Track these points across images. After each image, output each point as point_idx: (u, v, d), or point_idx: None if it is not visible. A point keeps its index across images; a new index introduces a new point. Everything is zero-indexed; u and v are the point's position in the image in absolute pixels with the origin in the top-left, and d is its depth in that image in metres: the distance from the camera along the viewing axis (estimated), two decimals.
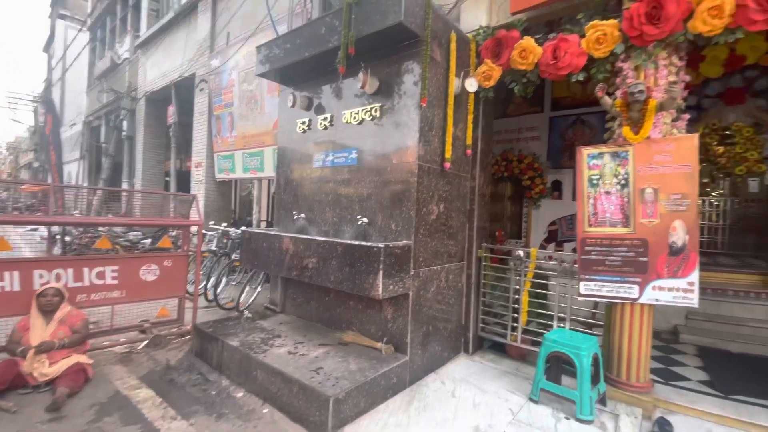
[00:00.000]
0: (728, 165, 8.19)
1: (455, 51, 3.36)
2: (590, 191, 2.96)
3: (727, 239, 7.30)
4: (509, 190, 6.56)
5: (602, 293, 2.92)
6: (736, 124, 7.56)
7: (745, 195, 7.76)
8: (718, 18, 2.50)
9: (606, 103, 2.84)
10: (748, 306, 4.54)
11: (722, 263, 6.11)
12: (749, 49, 4.57)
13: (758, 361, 3.75)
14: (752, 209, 7.32)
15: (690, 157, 2.63)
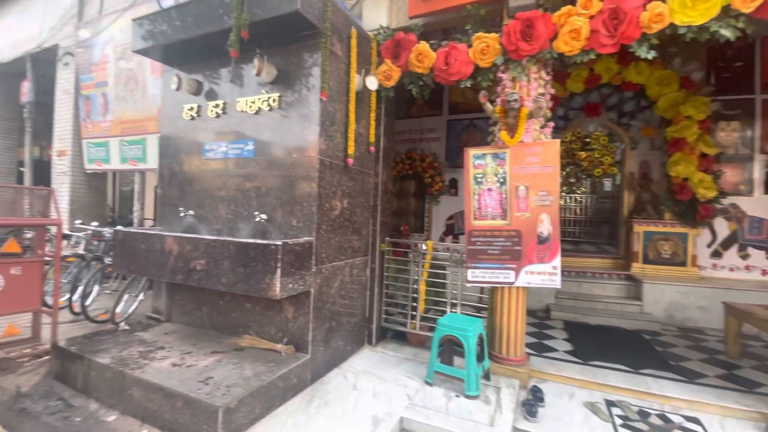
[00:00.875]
0: (589, 167, 9.86)
1: (356, 47, 3.38)
2: (475, 188, 3.25)
3: (588, 229, 8.76)
4: (413, 187, 6.89)
5: (486, 279, 3.24)
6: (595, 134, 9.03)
7: (601, 193, 9.43)
8: (576, 40, 2.93)
9: (488, 109, 3.14)
10: (602, 285, 5.50)
11: (584, 250, 7.28)
12: (604, 70, 5.49)
13: (610, 331, 4.56)
14: (606, 204, 8.92)
15: (553, 160, 3.05)
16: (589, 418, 2.71)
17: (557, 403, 2.90)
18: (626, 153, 6.00)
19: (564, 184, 10.43)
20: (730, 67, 5.40)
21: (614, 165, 8.96)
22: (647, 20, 2.69)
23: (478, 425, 2.45)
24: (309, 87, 3.04)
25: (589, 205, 9.10)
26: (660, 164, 5.60)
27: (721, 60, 5.41)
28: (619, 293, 5.31)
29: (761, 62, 5.30)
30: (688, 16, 2.63)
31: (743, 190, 5.27)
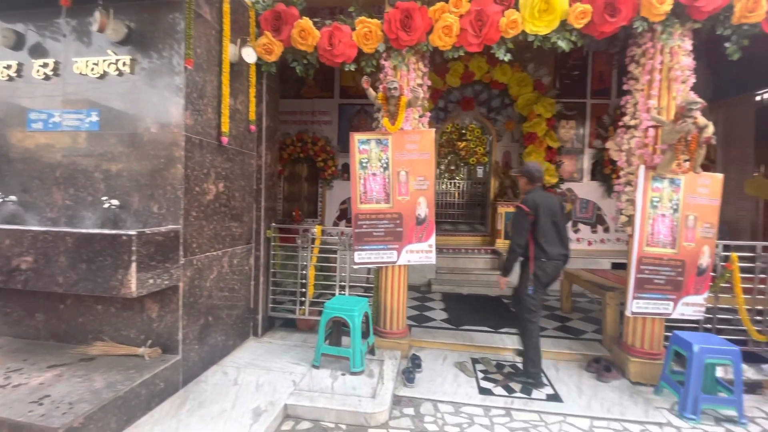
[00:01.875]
0: (466, 156, 11.00)
1: (229, 13, 3.06)
2: (361, 173, 3.32)
3: (464, 211, 9.81)
4: (306, 171, 6.71)
5: (371, 260, 3.37)
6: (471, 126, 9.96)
7: (475, 179, 10.63)
8: (449, 36, 3.16)
9: (371, 95, 3.20)
10: (473, 259, 6.23)
11: (461, 229, 8.12)
12: (477, 68, 6.08)
13: (478, 299, 5.22)
14: (479, 189, 10.11)
15: (429, 148, 3.28)
16: (458, 375, 3.08)
17: (433, 367, 3.22)
18: (493, 144, 6.83)
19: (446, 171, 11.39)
20: (570, 75, 6.54)
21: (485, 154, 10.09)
22: (505, 25, 3.05)
23: (360, 399, 2.56)
24: (171, 53, 2.65)
25: (466, 189, 10.11)
26: (518, 154, 6.53)
27: (564, 68, 6.49)
28: (486, 265, 6.11)
29: (592, 73, 6.53)
30: (536, 26, 3.05)
31: (576, 177, 6.51)
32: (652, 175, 2.94)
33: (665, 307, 3.03)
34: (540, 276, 2.90)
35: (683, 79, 2.99)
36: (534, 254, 2.90)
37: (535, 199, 2.90)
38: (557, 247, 2.93)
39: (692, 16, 2.88)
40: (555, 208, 2.96)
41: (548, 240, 2.89)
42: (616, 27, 2.95)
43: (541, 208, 2.87)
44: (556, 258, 2.92)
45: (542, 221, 2.88)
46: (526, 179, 3.04)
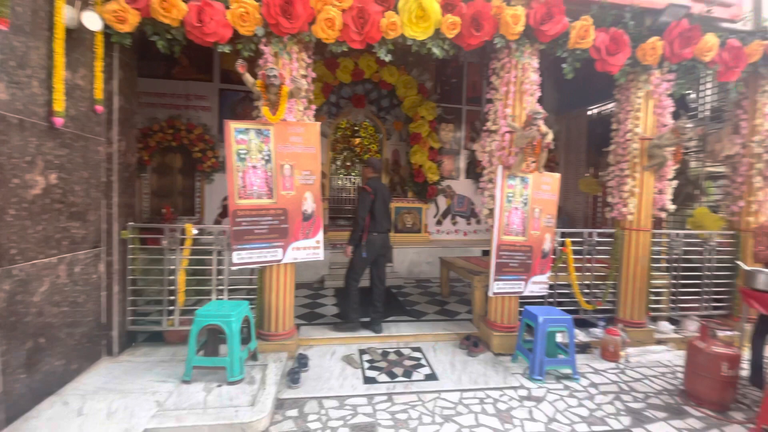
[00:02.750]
0: (361, 152, 11.22)
1: None
2: (239, 165, 3.07)
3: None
4: (180, 162, 5.96)
5: (253, 260, 3.16)
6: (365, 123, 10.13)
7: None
8: (332, 29, 3.11)
9: (248, 80, 2.97)
10: None
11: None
12: (366, 66, 6.18)
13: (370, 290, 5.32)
14: None
15: (314, 141, 3.21)
16: (345, 369, 3.11)
17: (320, 363, 3.19)
18: (383, 142, 7.08)
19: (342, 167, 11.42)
20: (449, 81, 7.15)
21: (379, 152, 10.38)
22: (385, 26, 3.14)
23: (237, 409, 2.38)
24: None
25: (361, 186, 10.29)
26: (405, 153, 6.90)
27: (443, 75, 7.07)
28: None
29: (467, 82, 7.24)
30: (414, 31, 3.22)
31: (454, 175, 7.19)
32: (507, 174, 3.40)
33: (518, 286, 3.54)
34: (371, 243, 3.69)
35: (531, 92, 3.51)
36: (369, 227, 3.67)
37: (375, 185, 3.75)
38: (386, 223, 3.79)
39: (539, 39, 3.40)
40: (387, 194, 3.87)
41: (380, 217, 3.72)
42: (481, 41, 3.30)
43: (378, 192, 3.71)
44: (384, 231, 3.79)
45: (378, 202, 3.70)
46: (371, 169, 3.86)
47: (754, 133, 4.02)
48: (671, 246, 4.03)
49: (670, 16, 3.47)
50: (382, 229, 3.76)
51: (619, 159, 3.83)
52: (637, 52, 3.52)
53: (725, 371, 2.68)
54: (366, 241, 3.67)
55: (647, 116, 3.71)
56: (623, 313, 3.85)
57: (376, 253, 3.80)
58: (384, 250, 3.88)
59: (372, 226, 3.68)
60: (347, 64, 6.08)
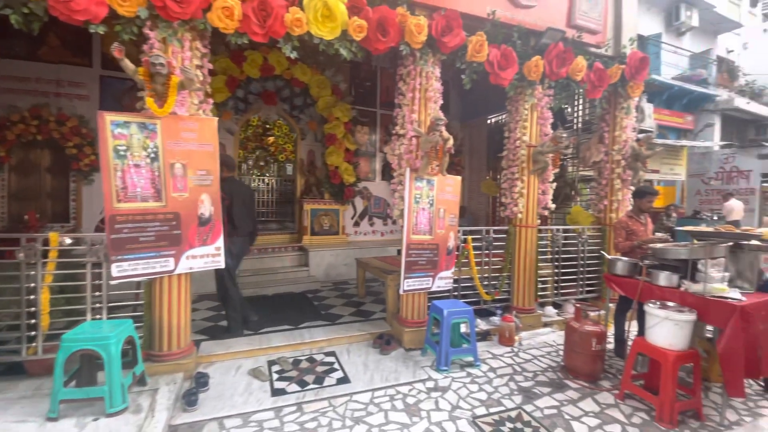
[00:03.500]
0: (275, 152, 10.73)
1: None
2: (117, 163, 2.68)
3: (275, 209, 9.56)
4: (49, 160, 5.04)
5: (138, 272, 2.78)
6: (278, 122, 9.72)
7: (285, 176, 10.53)
8: (230, 19, 2.89)
9: (127, 67, 2.62)
10: (280, 258, 6.12)
11: (270, 228, 7.83)
12: (276, 62, 5.92)
13: (283, 297, 5.12)
14: (289, 186, 10.05)
15: (212, 138, 2.96)
16: (251, 383, 2.91)
17: (223, 380, 2.94)
18: (297, 142, 6.88)
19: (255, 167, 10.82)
20: (364, 85, 7.23)
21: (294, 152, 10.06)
22: (290, 22, 3.02)
23: None
24: None
25: (276, 187, 9.87)
26: (321, 154, 6.79)
27: (358, 78, 7.12)
28: (293, 263, 6.12)
29: (381, 86, 7.40)
30: (321, 30, 3.15)
31: (371, 177, 7.29)
32: (415, 177, 3.54)
33: (427, 282, 3.71)
34: (231, 249, 3.50)
35: (435, 99, 3.71)
36: (228, 231, 3.38)
37: (231, 186, 3.56)
38: (247, 226, 3.70)
39: (440, 49, 3.60)
40: (246, 193, 3.81)
41: (240, 220, 3.61)
42: (387, 46, 3.38)
43: (234, 194, 3.57)
44: (245, 234, 3.72)
45: (236, 205, 3.57)
46: (225, 168, 3.50)
47: (615, 143, 4.79)
48: (553, 240, 4.61)
49: (549, 38, 3.96)
50: (243, 232, 3.70)
51: (510, 164, 4.26)
52: (524, 69, 3.94)
53: (595, 346, 3.13)
54: (227, 247, 3.26)
55: (533, 126, 4.19)
56: (516, 301, 4.29)
57: (239, 257, 3.76)
58: (246, 253, 3.89)
59: (230, 230, 3.48)
60: (255, 58, 5.76)
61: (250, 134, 9.90)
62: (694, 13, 10.70)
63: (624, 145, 4.74)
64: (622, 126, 4.77)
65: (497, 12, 3.79)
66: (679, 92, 10.12)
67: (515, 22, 3.91)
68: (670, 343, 2.60)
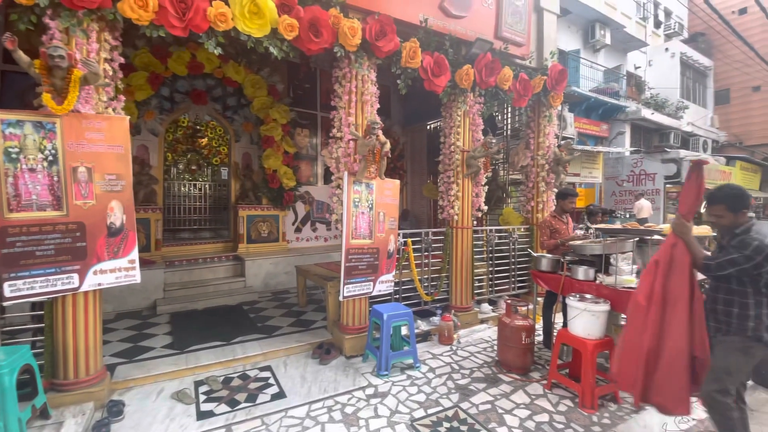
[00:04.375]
0: (209, 155, 10.10)
1: None
2: (9, 167, 2.32)
3: (209, 216, 8.97)
4: None
5: (36, 291, 2.42)
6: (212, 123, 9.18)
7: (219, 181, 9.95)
8: (144, 10, 2.64)
9: (21, 59, 2.29)
10: (213, 269, 5.73)
11: (202, 237, 7.33)
12: (206, 60, 5.55)
13: (215, 311, 4.78)
14: (224, 192, 9.51)
15: (123, 139, 2.67)
16: (173, 408, 2.66)
17: (142, 407, 2.66)
18: (232, 145, 6.53)
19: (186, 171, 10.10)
20: (302, 86, 7.07)
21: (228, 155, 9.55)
22: (213, 16, 2.84)
23: None
24: None
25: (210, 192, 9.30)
26: (258, 157, 6.51)
27: (296, 79, 6.94)
28: (228, 273, 5.76)
29: (321, 88, 7.28)
30: (248, 27, 3.00)
31: (312, 181, 7.13)
32: (353, 180, 3.50)
33: (367, 287, 3.68)
34: None
35: (371, 102, 3.71)
36: None
37: None
38: None
39: (375, 53, 3.61)
40: None
41: None
42: (321, 47, 3.31)
43: None
44: None
45: None
46: None
47: (539, 149, 5.16)
48: (488, 240, 4.84)
49: (478, 48, 4.15)
50: None
51: (446, 168, 4.40)
52: (456, 77, 4.09)
53: (524, 340, 3.31)
54: None
55: (465, 132, 4.36)
56: (455, 300, 4.42)
57: None
58: None
59: None
60: (182, 55, 5.38)
61: (179, 136, 9.21)
62: (607, 32, 11.96)
63: (547, 151, 5.12)
64: (545, 133, 5.15)
65: (429, 20, 3.90)
66: (595, 103, 11.23)
67: (447, 31, 4.05)
68: (589, 332, 2.82)
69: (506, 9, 4.50)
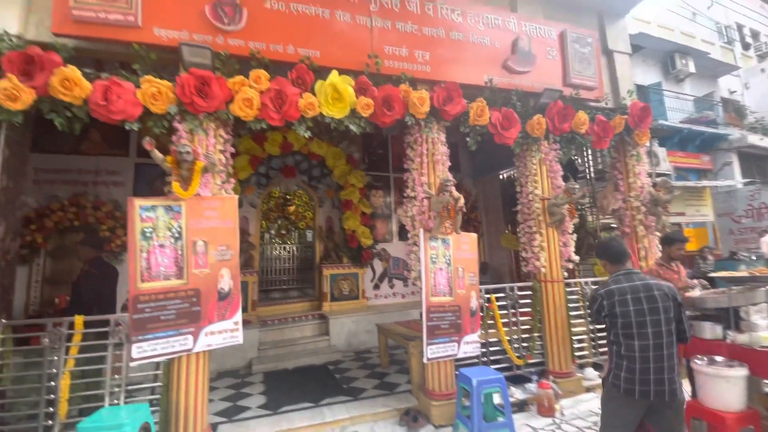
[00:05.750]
0: (296, 220, 11.08)
1: None
2: (143, 245, 2.81)
3: (296, 277, 9.61)
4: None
5: (158, 352, 2.77)
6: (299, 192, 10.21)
7: (306, 242, 10.75)
8: (250, 108, 3.19)
9: (157, 157, 2.87)
10: (301, 327, 5.99)
11: (291, 296, 7.81)
12: (295, 140, 6.35)
13: (304, 371, 4.91)
14: (309, 252, 10.20)
15: (232, 215, 3.11)
16: None
17: None
18: (316, 210, 7.11)
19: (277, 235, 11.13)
20: (376, 152, 7.61)
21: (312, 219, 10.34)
22: (303, 106, 3.31)
23: None
24: None
25: (297, 254, 10.03)
26: (338, 219, 6.96)
27: (370, 147, 7.52)
28: (314, 332, 5.97)
29: (392, 153, 7.75)
30: (331, 111, 3.43)
31: (387, 238, 7.34)
32: (429, 237, 3.54)
33: (452, 348, 3.51)
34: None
35: (443, 162, 3.84)
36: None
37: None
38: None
39: (443, 117, 3.81)
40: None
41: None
42: (393, 119, 3.61)
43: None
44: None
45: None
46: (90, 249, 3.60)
47: (631, 190, 4.73)
48: (584, 293, 4.37)
49: (547, 97, 4.15)
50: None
51: (526, 217, 4.23)
52: (527, 127, 4.08)
53: None
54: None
55: (543, 179, 4.22)
56: (552, 364, 3.96)
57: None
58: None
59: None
60: (275, 138, 6.22)
61: (272, 205, 10.33)
62: (689, 61, 11.09)
63: (641, 191, 4.67)
64: (636, 173, 4.74)
65: (494, 80, 4.05)
66: (690, 134, 10.14)
67: (512, 86, 4.14)
68: (725, 403, 2.31)
69: (572, 57, 4.50)
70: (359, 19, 3.72)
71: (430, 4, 3.99)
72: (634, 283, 2.07)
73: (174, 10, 3.19)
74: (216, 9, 3.26)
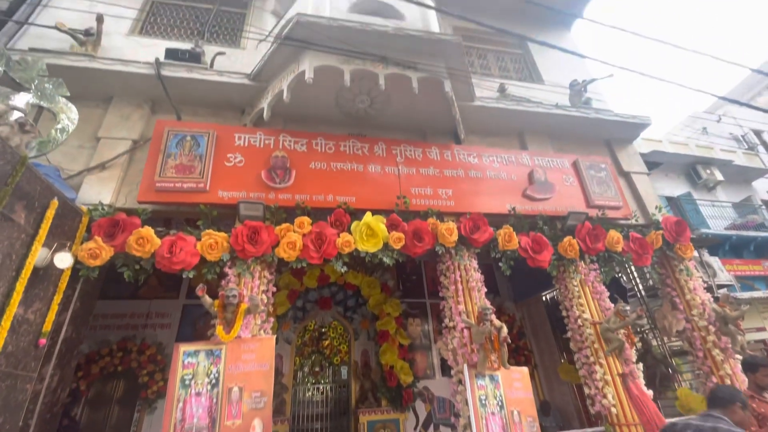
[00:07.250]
0: (330, 355, 10.61)
1: (51, 219, 2.87)
2: (181, 393, 2.78)
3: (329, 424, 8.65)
4: (121, 390, 5.30)
5: None
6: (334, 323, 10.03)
7: (340, 381, 10.01)
8: (293, 250, 3.50)
9: (206, 302, 3.07)
10: None
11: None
12: (331, 272, 6.63)
13: None
14: (344, 393, 9.38)
15: (269, 356, 3.08)
16: None
17: None
18: (351, 343, 6.88)
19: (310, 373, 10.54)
20: (410, 278, 7.67)
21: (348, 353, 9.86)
22: (340, 244, 3.59)
23: None
24: None
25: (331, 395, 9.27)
26: (375, 353, 6.62)
27: (404, 273, 7.63)
28: None
29: (426, 278, 7.78)
30: (365, 246, 3.68)
31: (429, 374, 6.75)
32: (475, 374, 3.26)
33: None
34: None
35: (478, 288, 3.81)
36: None
37: None
38: None
39: (473, 245, 3.95)
40: None
41: None
42: (424, 249, 3.78)
43: None
44: None
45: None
46: None
47: (692, 308, 4.33)
48: None
49: (573, 220, 4.26)
50: None
51: (580, 345, 3.86)
52: (559, 249, 4.10)
53: None
54: None
55: (589, 302, 4.00)
56: None
57: None
58: None
59: None
60: (314, 271, 6.52)
61: (306, 339, 10.11)
62: (713, 170, 11.26)
63: (703, 309, 4.26)
64: (690, 288, 4.41)
65: (517, 207, 4.28)
66: (740, 240, 9.61)
67: (536, 212, 4.34)
68: None
69: (589, 182, 4.76)
70: (388, 169, 4.29)
71: (447, 152, 4.58)
72: (701, 424, 1.94)
73: (236, 177, 3.85)
74: (270, 172, 3.91)
